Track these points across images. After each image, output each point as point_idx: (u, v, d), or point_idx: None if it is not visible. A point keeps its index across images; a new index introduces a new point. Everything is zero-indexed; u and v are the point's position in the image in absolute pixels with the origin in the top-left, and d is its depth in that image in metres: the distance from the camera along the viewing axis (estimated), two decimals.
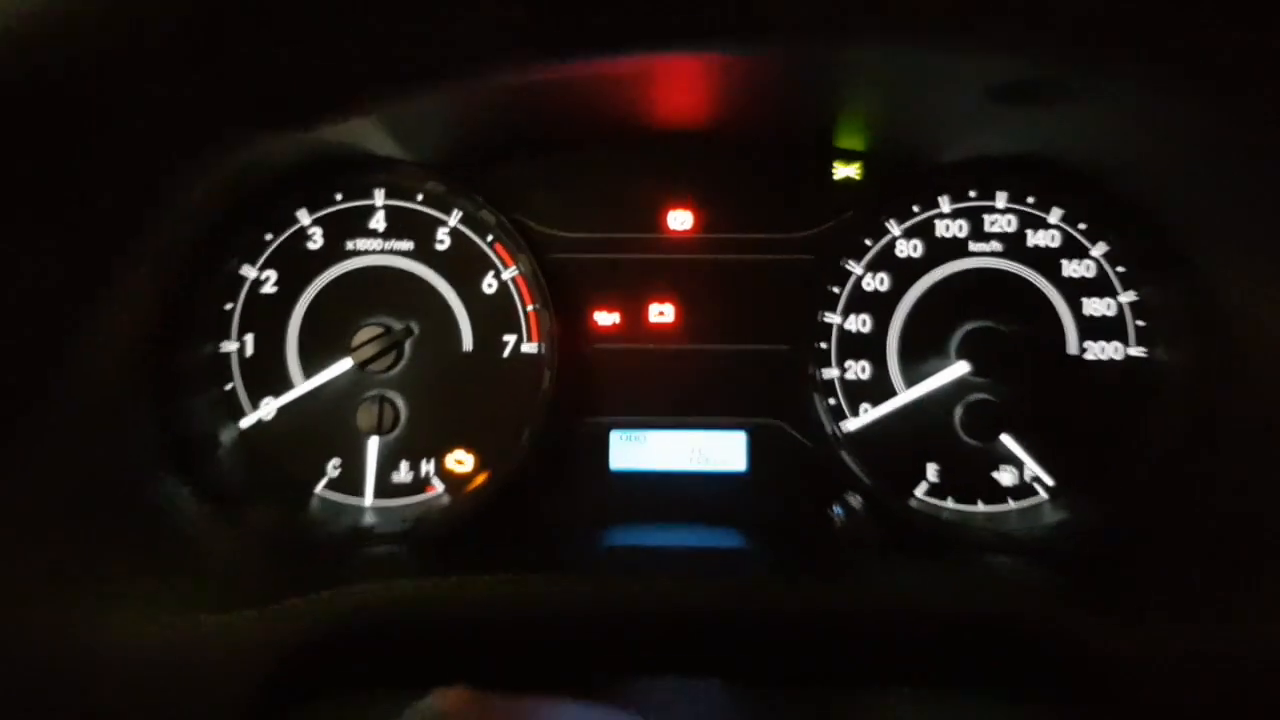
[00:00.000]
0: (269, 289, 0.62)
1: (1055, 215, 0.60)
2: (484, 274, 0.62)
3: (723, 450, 0.63)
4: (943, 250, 0.61)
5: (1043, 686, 0.46)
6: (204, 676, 0.46)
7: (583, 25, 0.23)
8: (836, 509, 0.59)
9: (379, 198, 0.62)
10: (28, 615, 0.44)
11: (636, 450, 0.63)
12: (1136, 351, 0.61)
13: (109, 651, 0.45)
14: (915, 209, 0.61)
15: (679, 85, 0.55)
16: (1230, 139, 0.37)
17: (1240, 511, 0.54)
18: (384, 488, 0.63)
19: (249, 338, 0.62)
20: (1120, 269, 0.60)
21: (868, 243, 0.62)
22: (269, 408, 0.62)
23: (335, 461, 0.63)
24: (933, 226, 0.61)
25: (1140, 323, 0.60)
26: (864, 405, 0.62)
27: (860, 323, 0.62)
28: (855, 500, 0.59)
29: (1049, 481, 0.61)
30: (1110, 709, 0.45)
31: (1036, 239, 0.61)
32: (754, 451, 0.63)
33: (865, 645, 0.48)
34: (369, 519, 0.62)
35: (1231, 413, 0.56)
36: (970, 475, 0.62)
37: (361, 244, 0.62)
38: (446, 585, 0.50)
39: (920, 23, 0.24)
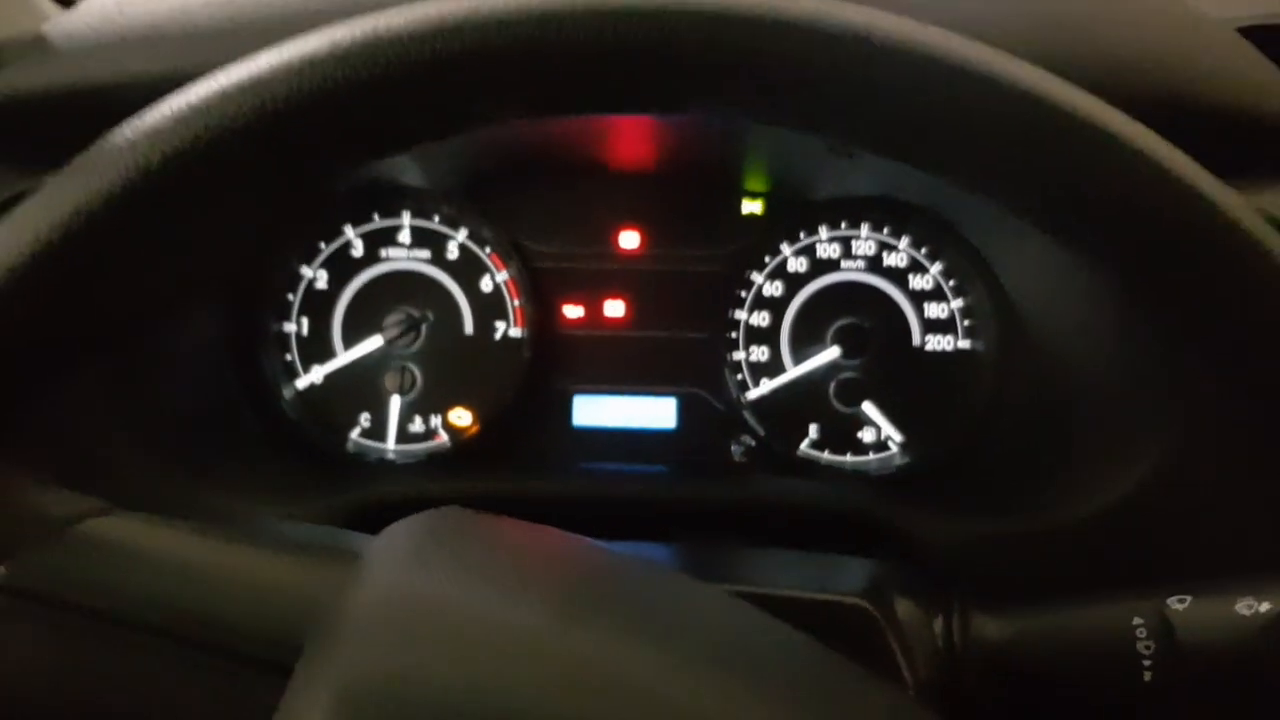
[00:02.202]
0: (321, 285, 0.80)
1: (904, 242, 0.80)
2: (482, 276, 0.80)
3: (658, 411, 0.81)
4: (821, 266, 0.80)
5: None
6: None
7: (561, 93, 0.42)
8: (734, 446, 0.80)
9: (406, 218, 0.80)
10: (163, 495, 0.64)
11: (593, 410, 0.81)
12: (964, 344, 0.80)
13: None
14: (802, 235, 0.80)
15: (629, 141, 0.76)
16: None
17: (1029, 445, 0.74)
18: (403, 435, 0.80)
19: (304, 320, 0.80)
20: (952, 282, 0.80)
21: (767, 259, 0.80)
22: (318, 373, 0.80)
23: (366, 415, 0.81)
24: (814, 248, 0.80)
25: (967, 322, 0.80)
26: (763, 379, 0.81)
27: (761, 318, 0.81)
28: (748, 440, 0.80)
29: (898, 438, 0.80)
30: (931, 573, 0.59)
31: (890, 259, 0.80)
32: (682, 412, 0.81)
33: (751, 524, 0.68)
34: (391, 456, 0.81)
35: (1024, 383, 0.76)
36: (841, 434, 0.81)
37: (392, 253, 0.80)
38: (451, 486, 0.70)
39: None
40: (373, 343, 0.80)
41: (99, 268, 0.38)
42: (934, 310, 0.81)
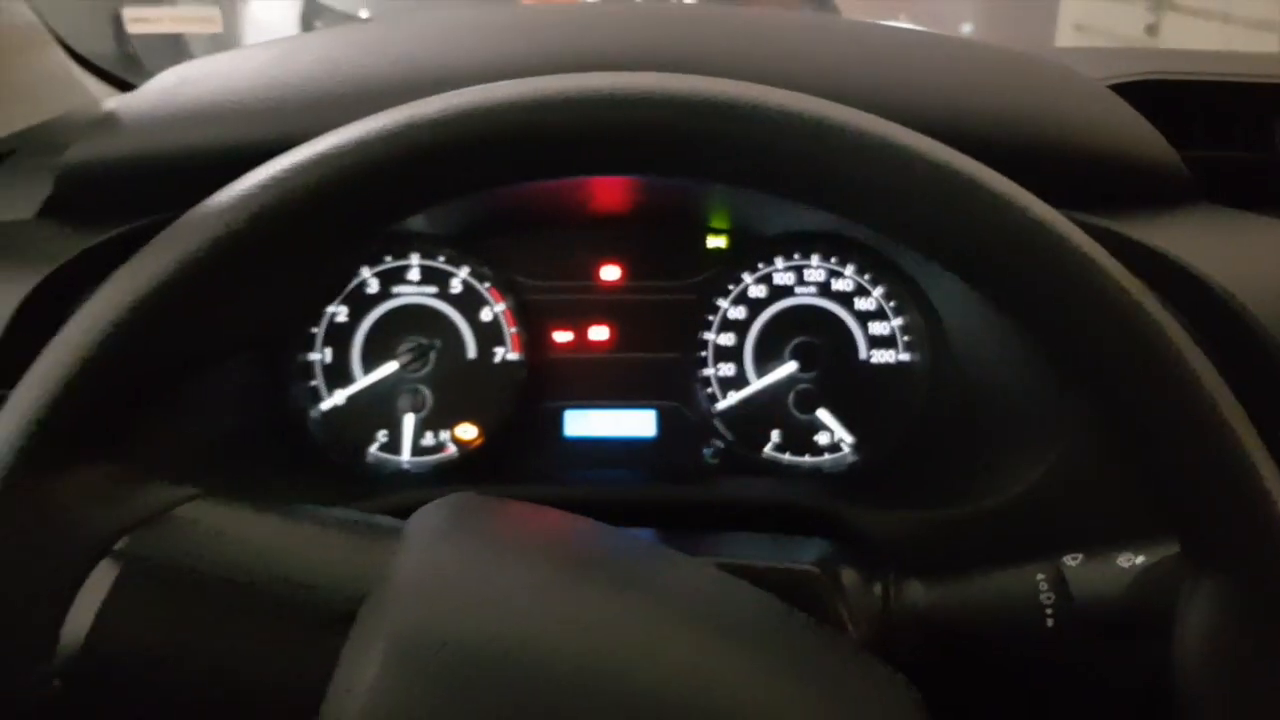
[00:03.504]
0: (341, 318, 0.90)
1: (849, 269, 0.91)
2: (483, 308, 0.90)
3: (639, 422, 0.92)
4: (778, 292, 0.91)
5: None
6: None
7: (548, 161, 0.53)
8: (706, 451, 0.92)
9: (415, 259, 0.90)
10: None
11: (582, 423, 0.92)
12: (904, 357, 0.91)
13: None
14: (760, 266, 0.91)
15: (608, 190, 0.88)
16: None
17: (955, 446, 0.86)
18: (416, 449, 0.90)
19: (328, 350, 0.90)
20: (892, 303, 0.91)
21: (731, 288, 0.91)
22: (340, 396, 0.90)
23: (383, 432, 0.91)
24: (772, 276, 0.91)
25: (906, 338, 0.91)
26: (730, 392, 0.91)
27: (727, 339, 0.92)
28: (719, 445, 0.92)
29: (850, 440, 0.92)
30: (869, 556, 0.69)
31: (838, 285, 0.91)
32: (660, 423, 0.92)
33: (722, 517, 0.79)
34: (406, 467, 0.92)
35: (952, 392, 0.88)
36: (800, 437, 0.91)
37: (403, 289, 0.90)
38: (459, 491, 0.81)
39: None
40: (388, 368, 0.90)
41: (197, 309, 0.49)
42: (877, 328, 0.92)
